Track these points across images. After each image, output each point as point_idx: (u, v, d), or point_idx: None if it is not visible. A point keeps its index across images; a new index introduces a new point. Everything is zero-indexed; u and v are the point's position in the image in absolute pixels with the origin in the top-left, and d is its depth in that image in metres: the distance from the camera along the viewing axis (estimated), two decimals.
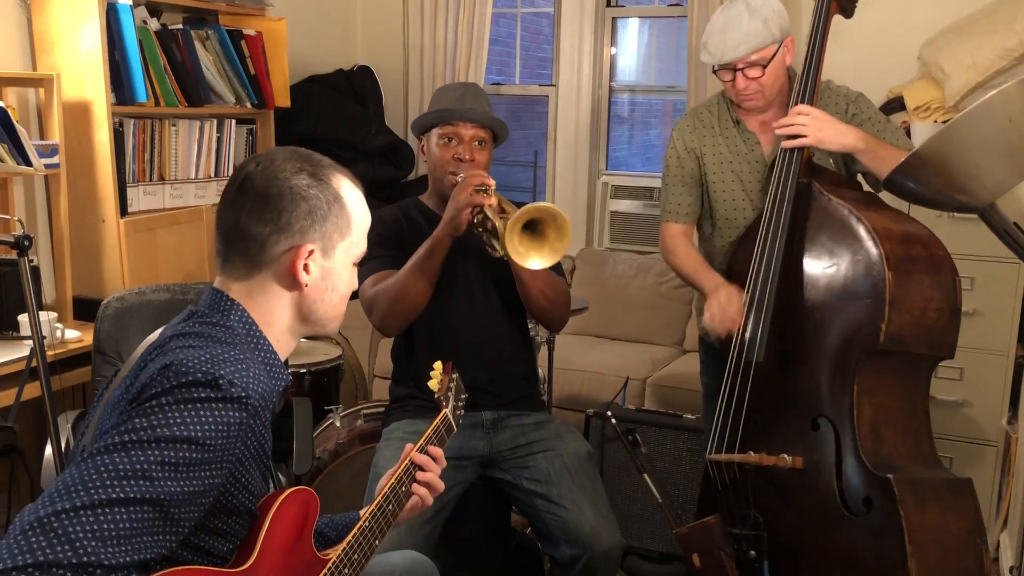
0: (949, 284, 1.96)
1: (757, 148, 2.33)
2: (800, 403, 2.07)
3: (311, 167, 1.35)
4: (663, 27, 4.61)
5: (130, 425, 1.14)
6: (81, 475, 1.09)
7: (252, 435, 1.24)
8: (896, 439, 1.99)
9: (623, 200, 4.43)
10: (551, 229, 1.97)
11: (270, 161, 1.35)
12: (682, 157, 2.41)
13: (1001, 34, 3.22)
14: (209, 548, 1.25)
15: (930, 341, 1.96)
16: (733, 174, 2.36)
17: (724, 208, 2.38)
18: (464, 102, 2.27)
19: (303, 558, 1.36)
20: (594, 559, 2.04)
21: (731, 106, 2.37)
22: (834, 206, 2.04)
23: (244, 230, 1.33)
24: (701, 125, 2.41)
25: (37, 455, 2.73)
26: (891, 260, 1.92)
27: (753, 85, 2.21)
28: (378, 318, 2.21)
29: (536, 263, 1.98)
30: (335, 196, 1.36)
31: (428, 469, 1.62)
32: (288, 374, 1.39)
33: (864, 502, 1.93)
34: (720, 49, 2.20)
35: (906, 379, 2.01)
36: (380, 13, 4.64)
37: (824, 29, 2.19)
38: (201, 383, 1.17)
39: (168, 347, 1.26)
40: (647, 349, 3.90)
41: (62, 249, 2.99)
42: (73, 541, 1.03)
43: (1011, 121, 1.59)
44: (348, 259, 1.40)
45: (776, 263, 2.10)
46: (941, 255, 1.99)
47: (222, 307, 1.33)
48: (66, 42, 2.99)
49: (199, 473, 1.15)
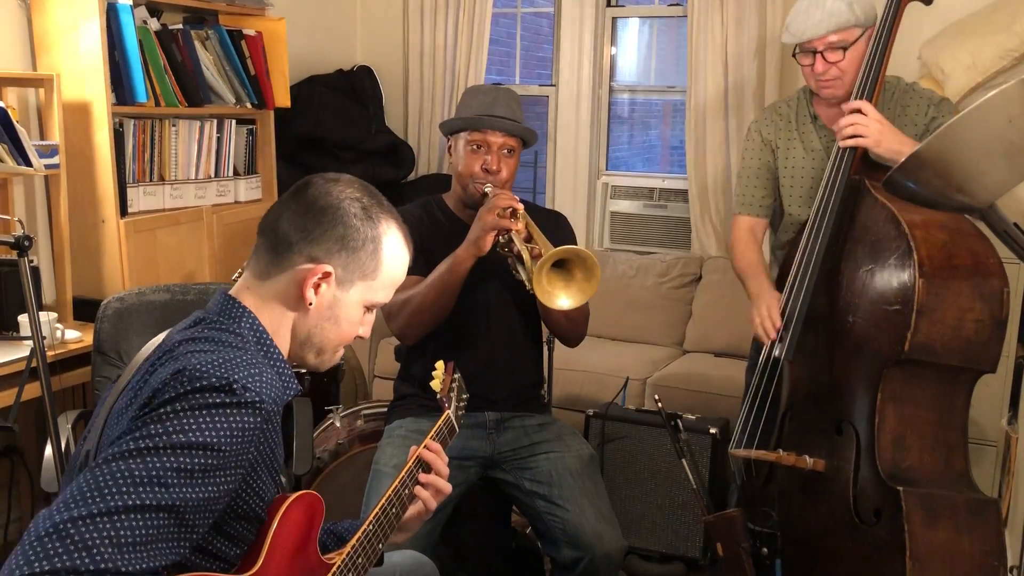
0: (995, 295, 1.86)
1: (832, 145, 2.27)
2: (829, 406, 2.04)
3: (368, 202, 1.37)
4: (663, 27, 4.61)
5: (145, 431, 1.13)
6: (97, 481, 1.08)
7: (264, 440, 1.24)
8: (923, 452, 1.92)
9: (623, 200, 4.43)
10: (579, 269, 1.97)
11: (335, 180, 1.38)
12: (759, 148, 2.38)
13: (1001, 34, 3.22)
14: (218, 552, 1.25)
15: (967, 353, 1.87)
16: (805, 170, 2.33)
17: (793, 205, 2.36)
18: (495, 108, 2.24)
19: (308, 562, 1.36)
20: (595, 561, 2.04)
21: (810, 101, 2.34)
22: (879, 206, 1.98)
23: (279, 227, 1.35)
24: (779, 118, 2.39)
25: (37, 455, 2.73)
26: (925, 267, 1.84)
27: (833, 70, 2.17)
28: (397, 328, 2.21)
29: (564, 302, 1.99)
30: (374, 237, 1.36)
31: (434, 465, 1.61)
32: (297, 385, 1.38)
33: (875, 512, 1.90)
34: (801, 27, 2.16)
35: (940, 391, 1.92)
36: (380, 13, 4.64)
37: (894, 18, 2.12)
38: (216, 388, 1.16)
39: (178, 352, 1.25)
40: (647, 349, 3.90)
41: (62, 249, 2.99)
42: (90, 548, 1.03)
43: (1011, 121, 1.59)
44: (361, 300, 1.38)
45: (816, 261, 2.06)
46: (990, 263, 1.88)
47: (233, 314, 1.33)
48: (66, 42, 2.99)
49: (214, 479, 1.14)
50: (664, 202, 4.33)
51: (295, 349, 1.39)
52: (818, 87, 2.24)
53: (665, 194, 4.34)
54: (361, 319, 1.41)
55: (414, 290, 2.14)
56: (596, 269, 1.95)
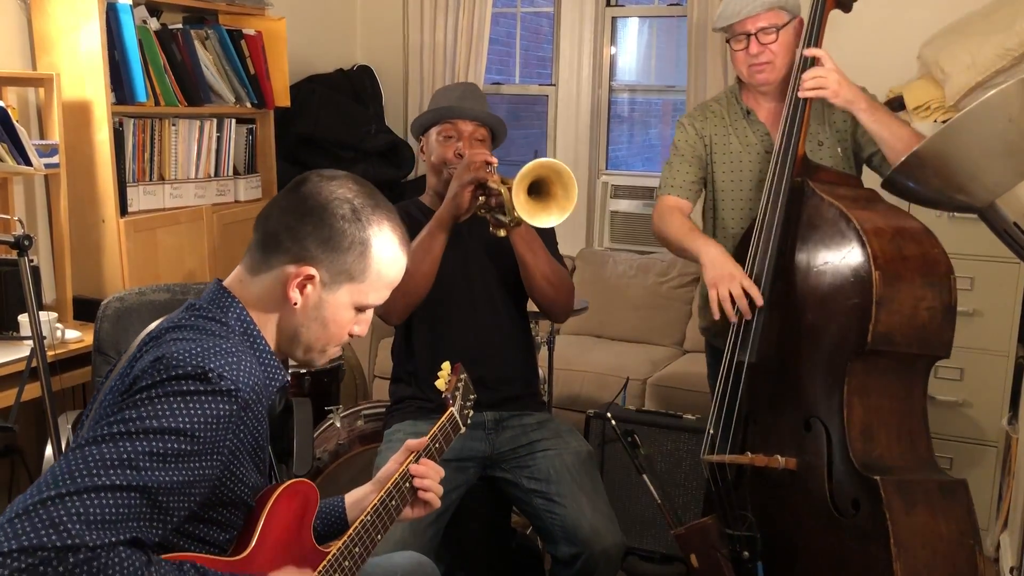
0: (943, 283, 1.94)
1: (767, 139, 2.32)
2: (794, 404, 2.06)
3: (359, 203, 1.34)
4: (663, 27, 4.61)
5: (119, 416, 1.15)
6: (68, 465, 1.10)
7: (244, 428, 1.24)
8: (890, 440, 1.97)
9: (623, 200, 4.43)
10: (557, 187, 1.95)
11: (332, 178, 1.36)
12: (690, 138, 2.40)
13: (1001, 34, 3.21)
14: (206, 537, 1.27)
15: (923, 341, 1.94)
16: (741, 165, 2.34)
17: (730, 201, 2.37)
18: (463, 101, 2.28)
19: (302, 549, 1.37)
20: (594, 557, 2.04)
21: (740, 98, 2.37)
22: (826, 205, 2.03)
23: (270, 221, 1.35)
24: (712, 115, 2.41)
25: (37, 455, 2.73)
26: (879, 259, 1.90)
27: (766, 52, 2.22)
28: (379, 307, 2.21)
29: (545, 221, 1.97)
30: (362, 240, 1.34)
31: (425, 478, 1.60)
32: (286, 373, 1.39)
33: (852, 504, 1.92)
34: (736, 9, 2.22)
35: (900, 379, 1.99)
36: (380, 13, 4.64)
37: (821, 21, 2.18)
38: (191, 376, 1.18)
39: (163, 339, 1.27)
40: (647, 349, 3.90)
41: (62, 249, 2.99)
42: (57, 525, 1.05)
43: (1011, 121, 1.59)
44: (350, 302, 1.37)
45: (769, 263, 2.09)
46: (935, 253, 1.96)
47: (223, 304, 1.34)
48: (66, 42, 2.99)
49: (188, 464, 1.15)
50: None
51: (282, 344, 1.39)
52: (751, 73, 2.28)
53: None
54: (353, 319, 1.40)
55: None
56: (572, 183, 1.93)
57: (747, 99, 2.37)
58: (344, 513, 1.60)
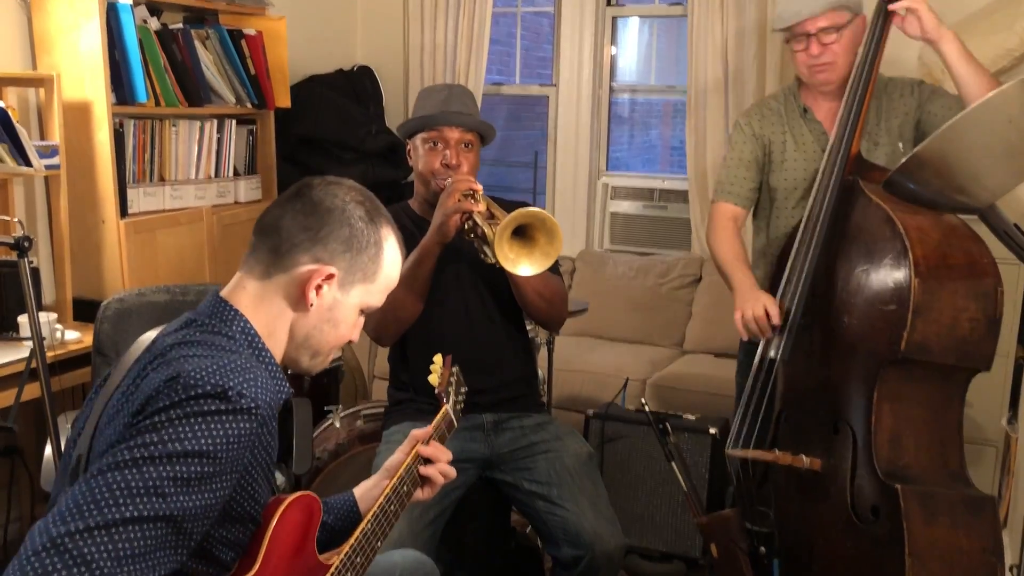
0: (988, 294, 1.87)
1: (823, 138, 2.28)
2: (824, 405, 2.04)
3: (370, 206, 1.39)
4: (663, 27, 4.61)
5: (140, 440, 1.12)
6: (93, 493, 1.07)
7: (260, 444, 1.23)
8: (919, 451, 1.93)
9: (623, 201, 4.42)
10: (541, 234, 1.95)
11: (336, 183, 1.39)
12: (750, 139, 2.36)
13: (1001, 34, 3.22)
14: (213, 556, 1.25)
15: (962, 352, 1.88)
16: (796, 164, 2.32)
17: (783, 200, 2.35)
18: (449, 105, 2.25)
19: (306, 564, 1.35)
20: (596, 560, 2.03)
21: (798, 96, 2.34)
22: (873, 207, 1.98)
23: (282, 226, 1.34)
24: (770, 112, 2.38)
25: (37, 455, 2.73)
26: (920, 266, 1.85)
27: (827, 53, 2.18)
28: (371, 330, 2.21)
29: (527, 269, 1.96)
30: (377, 241, 1.38)
31: (436, 459, 1.63)
32: (289, 388, 1.37)
33: (872, 510, 1.91)
34: (796, 9, 2.17)
35: (935, 389, 1.94)
36: (380, 13, 4.64)
37: (883, 27, 2.14)
38: (211, 395, 1.15)
39: (171, 356, 1.23)
40: (647, 350, 3.90)
41: (62, 250, 2.99)
42: (89, 563, 1.03)
43: (1011, 121, 1.59)
44: (360, 303, 1.40)
45: (812, 261, 2.07)
46: (984, 263, 1.90)
47: (224, 316, 1.32)
48: (66, 42, 2.99)
49: (210, 486, 1.14)
50: (664, 203, 4.33)
51: (291, 351, 1.39)
52: (811, 73, 2.25)
53: (665, 195, 4.33)
54: (356, 322, 1.42)
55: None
56: (557, 231, 1.92)
57: (805, 97, 2.34)
58: (355, 506, 1.60)
